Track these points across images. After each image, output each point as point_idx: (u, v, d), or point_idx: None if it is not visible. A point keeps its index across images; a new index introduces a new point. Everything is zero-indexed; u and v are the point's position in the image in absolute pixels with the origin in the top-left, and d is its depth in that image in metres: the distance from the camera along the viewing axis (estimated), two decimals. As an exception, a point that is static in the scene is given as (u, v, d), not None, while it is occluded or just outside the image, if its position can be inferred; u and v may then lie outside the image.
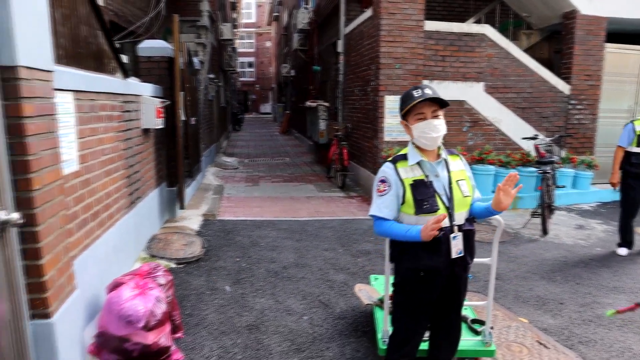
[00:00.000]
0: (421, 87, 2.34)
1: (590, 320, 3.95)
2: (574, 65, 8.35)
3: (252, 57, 48.06)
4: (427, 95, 2.29)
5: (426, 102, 2.30)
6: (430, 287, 2.39)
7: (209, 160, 11.47)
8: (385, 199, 2.36)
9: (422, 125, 2.33)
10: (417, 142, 2.38)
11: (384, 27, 7.45)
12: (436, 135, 2.33)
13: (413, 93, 2.33)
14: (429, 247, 2.31)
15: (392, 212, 2.36)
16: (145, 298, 3.01)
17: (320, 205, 7.74)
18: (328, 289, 4.41)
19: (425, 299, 2.42)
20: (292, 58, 21.17)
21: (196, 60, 9.48)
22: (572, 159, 8.31)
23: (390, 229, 2.34)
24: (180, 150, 5.94)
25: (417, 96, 2.30)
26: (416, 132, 2.35)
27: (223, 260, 5.04)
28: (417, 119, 2.34)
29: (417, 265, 2.35)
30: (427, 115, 2.32)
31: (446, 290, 2.45)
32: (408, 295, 2.44)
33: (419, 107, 2.32)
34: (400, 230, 2.31)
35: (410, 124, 2.37)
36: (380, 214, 2.36)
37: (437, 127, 2.32)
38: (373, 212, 2.40)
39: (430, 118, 2.32)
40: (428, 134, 2.32)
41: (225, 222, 6.55)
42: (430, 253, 2.32)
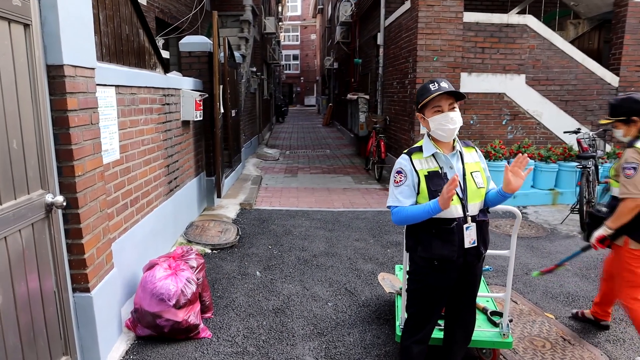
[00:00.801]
0: (437, 81, 2.39)
1: (621, 320, 3.87)
2: (624, 56, 7.99)
3: (296, 49, 48.35)
4: (443, 89, 2.35)
5: (443, 95, 2.37)
6: (443, 275, 2.45)
7: (250, 151, 11.78)
8: (402, 189, 2.44)
9: (439, 117, 2.39)
10: (434, 134, 2.45)
11: (422, 19, 7.41)
12: (453, 127, 2.38)
13: (429, 87, 2.39)
14: (443, 236, 2.38)
15: (409, 201, 2.43)
16: (176, 278, 3.23)
17: (355, 197, 7.84)
18: (355, 277, 4.52)
19: (439, 287, 2.49)
20: (335, 51, 21.23)
21: (237, 54, 9.74)
22: (619, 154, 7.99)
23: (407, 212, 2.39)
24: (219, 141, 6.19)
25: (433, 90, 2.36)
26: (433, 124, 2.41)
27: (256, 247, 5.25)
28: (434, 111, 2.40)
29: (431, 254, 2.42)
30: (444, 108, 2.38)
31: (460, 279, 2.50)
32: (422, 283, 2.52)
33: (436, 100, 2.38)
34: (418, 209, 2.36)
35: (427, 117, 2.44)
36: (399, 203, 2.43)
37: (454, 120, 2.38)
38: (390, 202, 2.48)
39: (447, 111, 2.38)
40: (445, 126, 2.38)
41: (261, 211, 6.77)
42: (444, 242, 2.38)
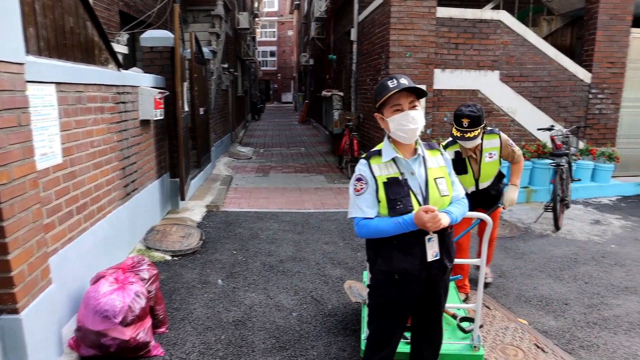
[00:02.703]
0: (396, 77, 2.19)
1: (595, 323, 3.76)
2: (596, 52, 7.97)
3: (273, 46, 47.94)
4: (402, 85, 2.14)
5: (402, 92, 2.16)
6: (404, 290, 2.26)
7: (221, 150, 11.47)
8: (364, 198, 2.22)
9: (398, 117, 2.18)
10: (394, 136, 2.24)
11: (395, 14, 7.23)
12: (414, 127, 2.18)
13: (388, 83, 2.18)
14: (404, 248, 2.18)
15: (374, 210, 2.22)
16: (124, 293, 2.97)
17: (327, 197, 7.63)
18: (322, 284, 4.31)
19: (400, 302, 2.29)
20: (311, 47, 20.99)
21: (207, 49, 9.43)
22: (592, 150, 7.97)
23: (375, 227, 2.18)
24: (181, 141, 5.90)
25: (392, 86, 2.16)
26: (393, 125, 2.20)
27: (220, 252, 5.00)
28: (393, 110, 2.20)
29: (391, 267, 2.22)
30: (405, 107, 2.18)
31: (425, 294, 2.31)
32: (382, 298, 2.32)
33: (395, 98, 2.18)
34: (388, 225, 2.15)
35: (386, 117, 2.23)
36: (363, 214, 2.21)
37: (415, 119, 2.17)
38: (353, 214, 2.25)
39: (408, 109, 2.18)
40: (406, 126, 2.17)
41: (229, 213, 6.51)
42: (404, 255, 2.18)
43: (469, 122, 3.50)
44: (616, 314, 3.93)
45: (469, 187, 3.84)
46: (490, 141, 3.79)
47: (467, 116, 3.50)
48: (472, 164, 3.79)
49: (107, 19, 6.76)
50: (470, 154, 3.76)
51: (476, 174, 3.81)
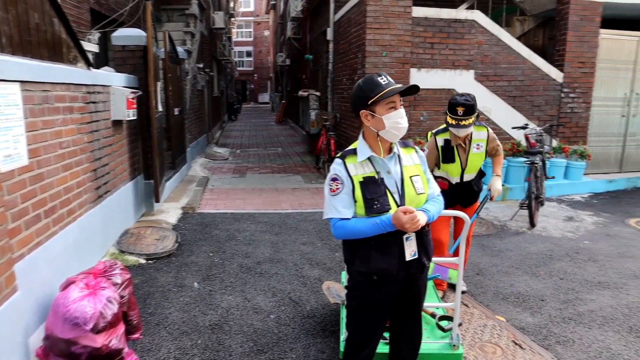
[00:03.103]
0: (383, 74, 2.16)
1: (570, 319, 3.81)
2: (568, 52, 8.12)
3: (250, 46, 47.64)
4: (393, 83, 2.13)
5: None
6: (383, 291, 2.23)
7: (197, 151, 11.31)
8: (340, 198, 2.18)
9: (395, 114, 2.14)
10: (386, 134, 2.17)
11: (370, 14, 7.23)
12: (406, 125, 2.17)
13: (379, 80, 2.14)
14: (382, 249, 2.15)
15: (350, 210, 2.18)
16: (95, 299, 2.86)
17: (304, 197, 7.58)
18: (301, 285, 4.26)
19: (379, 303, 2.26)
20: (287, 47, 20.91)
21: (182, 49, 9.28)
22: (564, 148, 8.12)
23: (352, 227, 2.14)
24: (155, 142, 5.77)
25: (384, 84, 2.12)
26: (388, 122, 2.14)
27: (196, 255, 4.90)
28: (389, 107, 2.14)
29: (369, 268, 2.19)
30: (397, 105, 2.15)
31: (403, 293, 2.29)
32: (360, 299, 2.28)
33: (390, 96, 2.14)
34: (366, 225, 2.11)
35: (381, 114, 2.15)
36: (339, 214, 2.17)
37: (405, 117, 2.17)
38: (329, 214, 2.21)
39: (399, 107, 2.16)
40: (400, 124, 2.15)
41: (205, 215, 6.40)
42: (382, 255, 2.15)
43: (463, 110, 3.55)
44: (590, 308, 3.99)
45: (454, 176, 3.88)
46: (478, 133, 3.86)
47: (462, 104, 3.55)
48: (460, 153, 3.84)
49: (77, 17, 6.58)
50: (459, 143, 3.81)
51: (463, 164, 3.86)
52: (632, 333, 3.61)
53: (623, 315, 3.89)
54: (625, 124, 9.02)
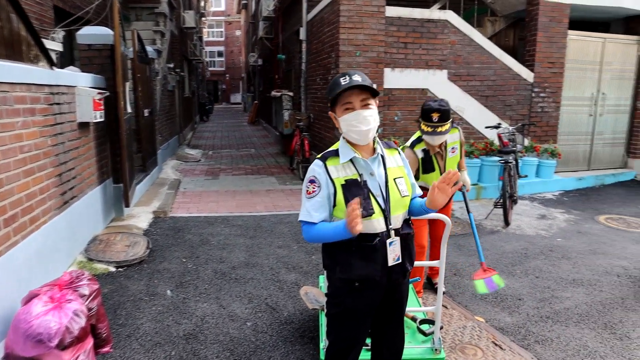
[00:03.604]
0: (349, 74, 2.05)
1: (548, 317, 3.82)
2: (538, 53, 8.25)
3: (221, 46, 47.12)
4: (354, 82, 2.00)
5: (354, 90, 2.02)
6: (365, 298, 2.16)
7: (168, 153, 11.06)
8: (314, 202, 2.10)
9: (349, 117, 2.05)
10: (347, 137, 2.12)
11: (344, 13, 7.17)
12: (366, 128, 2.05)
13: (340, 80, 2.05)
14: (364, 254, 2.07)
15: (322, 215, 2.10)
16: (60, 312, 2.70)
17: (279, 199, 7.47)
18: (277, 290, 4.16)
19: (361, 310, 2.19)
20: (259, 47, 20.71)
21: (151, 48, 9.04)
22: (536, 147, 8.24)
23: (318, 232, 2.07)
24: (124, 144, 5.57)
25: (343, 83, 2.02)
26: (344, 124, 2.08)
27: (168, 261, 4.74)
28: (344, 109, 2.07)
29: (350, 275, 2.11)
30: (356, 106, 2.05)
31: (386, 299, 2.22)
32: (341, 307, 2.20)
33: (346, 96, 2.04)
34: (328, 230, 2.04)
35: (338, 116, 2.10)
36: (310, 218, 2.09)
37: (368, 119, 2.04)
38: (301, 216, 2.13)
39: (360, 108, 2.04)
40: (357, 127, 2.04)
41: (177, 219, 6.22)
42: (365, 261, 2.08)
43: (439, 116, 3.42)
44: (566, 306, 4.02)
45: None
46: (452, 136, 3.79)
47: (437, 110, 3.42)
48: (439, 160, 3.74)
49: (39, 14, 6.30)
50: (436, 151, 3.71)
51: (442, 170, 3.76)
52: (607, 329, 3.65)
53: (598, 312, 3.94)
54: (592, 123, 9.23)
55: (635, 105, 9.51)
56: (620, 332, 3.62)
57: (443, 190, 2.00)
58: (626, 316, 3.87)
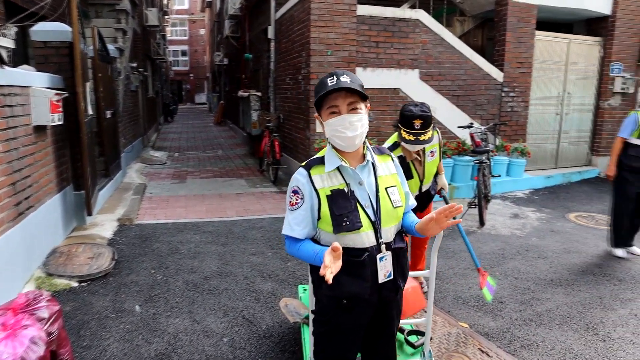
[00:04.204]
0: (337, 74, 1.87)
1: (531, 320, 3.77)
2: (507, 53, 8.31)
3: (185, 45, 46.19)
4: (342, 84, 1.82)
5: (341, 92, 1.84)
6: (354, 316, 2.00)
7: (132, 156, 10.63)
8: (297, 215, 1.92)
9: (334, 121, 1.87)
10: (332, 143, 1.95)
11: (315, 11, 7.01)
12: (352, 134, 1.87)
13: (327, 81, 1.86)
14: (352, 271, 1.90)
15: (305, 230, 1.93)
16: (15, 341, 2.42)
17: (250, 202, 7.24)
18: (254, 301, 3.96)
19: (350, 329, 2.03)
20: (225, 46, 20.32)
21: (112, 47, 8.64)
22: (506, 146, 8.30)
23: (300, 253, 1.91)
24: (85, 149, 5.24)
25: (330, 85, 1.83)
26: (329, 129, 1.90)
27: (136, 273, 4.45)
28: (329, 112, 1.89)
29: (338, 292, 1.93)
30: (342, 109, 1.87)
31: (376, 316, 2.07)
32: (329, 325, 2.04)
33: (332, 99, 1.86)
34: (309, 253, 1.88)
35: (323, 120, 1.93)
36: (292, 233, 1.92)
37: (354, 125, 1.86)
38: (284, 230, 1.96)
39: (347, 112, 1.86)
40: (342, 133, 1.86)
41: (144, 226, 5.91)
42: (353, 278, 1.91)
43: (421, 123, 3.15)
44: (548, 308, 3.98)
45: (413, 192, 3.62)
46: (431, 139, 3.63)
47: (419, 117, 3.15)
48: (417, 166, 3.54)
49: (-12, 10, 5.87)
50: (414, 157, 3.50)
51: (421, 176, 3.60)
52: (589, 331, 3.62)
53: (578, 312, 3.92)
54: (559, 121, 9.39)
55: (598, 105, 9.73)
56: (602, 332, 3.60)
57: (440, 222, 1.86)
58: (606, 316, 3.87)
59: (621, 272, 4.79)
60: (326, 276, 1.62)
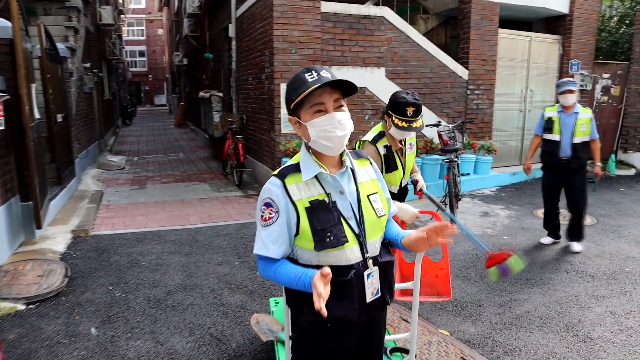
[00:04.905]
0: (315, 69, 1.66)
1: (511, 323, 3.67)
2: (471, 50, 8.30)
3: (143, 45, 44.95)
4: (325, 79, 1.61)
5: (326, 88, 1.63)
6: (340, 341, 1.79)
7: (88, 161, 10.08)
8: (271, 231, 1.69)
9: (322, 120, 1.65)
10: (316, 146, 1.71)
11: (278, 8, 6.77)
12: (342, 134, 1.66)
13: (305, 77, 1.64)
14: (339, 292, 1.68)
15: (282, 248, 1.70)
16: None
17: (214, 208, 6.92)
18: (222, 316, 3.69)
19: (336, 356, 1.82)
20: (184, 46, 19.75)
21: (63, 46, 8.13)
22: (473, 144, 8.29)
23: (277, 275, 1.68)
24: (32, 155, 4.82)
25: (311, 81, 1.62)
26: (314, 130, 1.67)
27: (92, 290, 4.10)
28: (314, 111, 1.66)
29: (322, 317, 1.72)
30: (329, 107, 1.65)
31: (363, 338, 1.86)
32: (312, 353, 1.81)
33: (316, 96, 1.64)
34: (289, 277, 1.65)
35: (305, 120, 1.68)
36: (267, 252, 1.68)
37: (343, 123, 1.66)
38: (256, 249, 1.72)
39: (333, 110, 1.66)
40: (332, 133, 1.65)
41: (101, 237, 5.52)
42: (339, 300, 1.68)
43: (414, 110, 3.10)
44: (526, 309, 3.91)
45: (396, 185, 3.46)
46: None
47: (412, 104, 3.09)
48: (400, 157, 3.43)
49: None
50: (399, 147, 3.40)
51: (404, 168, 3.48)
52: (569, 332, 3.56)
53: (557, 313, 3.85)
54: (522, 118, 9.48)
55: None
56: (582, 333, 3.54)
57: (430, 240, 1.69)
58: (584, 315, 3.82)
59: (592, 268, 4.79)
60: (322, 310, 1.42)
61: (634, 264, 4.92)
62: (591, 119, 5.07)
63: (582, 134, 5.01)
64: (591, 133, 5.05)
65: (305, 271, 1.61)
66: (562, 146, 5.04)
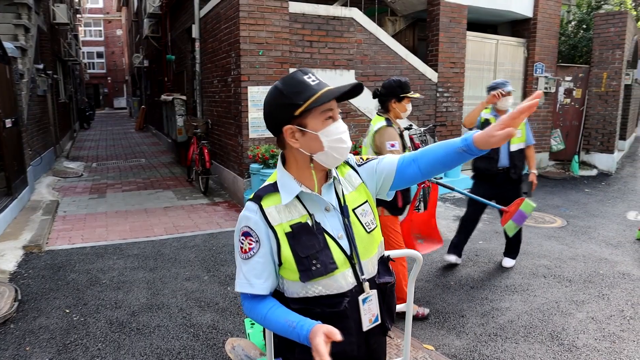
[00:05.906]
0: (310, 71, 1.47)
1: (496, 334, 3.55)
2: (440, 53, 8.26)
3: (101, 46, 43.58)
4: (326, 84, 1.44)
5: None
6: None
7: (42, 169, 9.50)
8: (254, 264, 1.46)
9: (334, 129, 1.44)
10: (324, 159, 1.47)
11: (244, 8, 6.50)
12: (350, 144, 1.49)
13: (305, 79, 1.44)
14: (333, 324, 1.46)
15: (268, 282, 1.48)
16: None
17: (180, 217, 6.58)
18: (192, 339, 3.41)
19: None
20: (145, 47, 19.10)
21: (11, 45, 7.60)
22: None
23: (266, 322, 1.46)
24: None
25: (314, 84, 1.42)
26: (328, 140, 1.44)
27: (46, 315, 3.73)
28: (325, 118, 1.44)
29: None
30: (335, 114, 1.47)
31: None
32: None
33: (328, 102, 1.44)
34: (282, 324, 1.42)
35: (315, 129, 1.43)
36: (251, 289, 1.46)
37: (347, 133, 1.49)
38: (238, 287, 1.49)
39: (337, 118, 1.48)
40: (344, 143, 1.46)
41: (56, 253, 5.11)
42: None
43: None
44: (509, 318, 3.81)
45: None
46: None
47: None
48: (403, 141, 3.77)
49: None
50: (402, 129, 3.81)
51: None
52: (554, 341, 3.48)
53: (540, 321, 3.77)
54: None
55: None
56: (567, 342, 3.46)
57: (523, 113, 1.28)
58: (566, 322, 3.75)
59: (568, 271, 4.76)
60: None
61: (607, 266, 4.92)
62: (525, 123, 4.57)
63: (518, 140, 4.51)
64: (526, 139, 4.59)
65: (300, 320, 1.38)
66: (500, 155, 4.54)
